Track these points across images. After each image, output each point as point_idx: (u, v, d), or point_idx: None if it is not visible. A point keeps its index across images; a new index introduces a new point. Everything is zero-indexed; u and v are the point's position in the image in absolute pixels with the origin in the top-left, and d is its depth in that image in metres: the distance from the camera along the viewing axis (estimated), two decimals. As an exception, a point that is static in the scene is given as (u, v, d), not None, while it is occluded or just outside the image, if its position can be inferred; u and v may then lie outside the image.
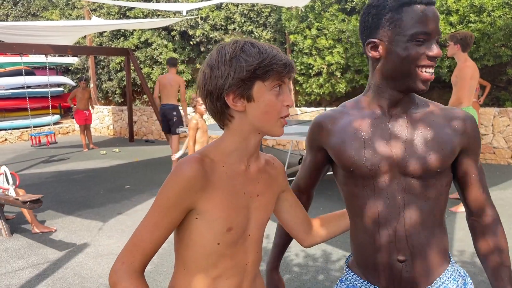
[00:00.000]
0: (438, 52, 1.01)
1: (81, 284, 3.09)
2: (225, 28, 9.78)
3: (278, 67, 0.94)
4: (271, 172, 1.12)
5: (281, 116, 0.98)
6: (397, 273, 1.08)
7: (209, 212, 0.97)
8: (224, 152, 1.01)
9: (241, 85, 0.94)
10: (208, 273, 1.00)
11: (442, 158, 1.05)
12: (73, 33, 8.86)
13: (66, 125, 12.05)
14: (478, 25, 6.47)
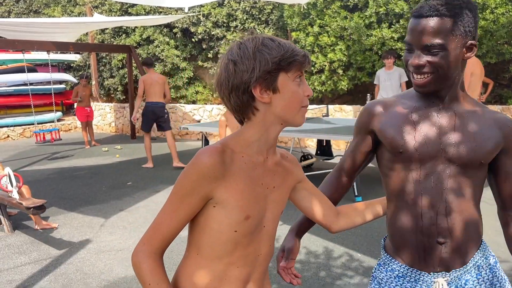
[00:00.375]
0: (412, 61, 1.11)
1: (83, 279, 3.10)
2: (227, 25, 9.78)
3: (300, 57, 1.00)
4: (286, 165, 1.15)
5: (303, 105, 1.03)
6: (436, 254, 1.14)
7: (227, 201, 1.00)
8: (245, 143, 1.04)
9: (267, 77, 0.98)
10: (222, 260, 1.03)
11: (486, 151, 1.13)
12: (75, 30, 8.87)
13: (68, 122, 12.06)
14: (481, 22, 6.45)
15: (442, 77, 1.10)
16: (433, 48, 1.07)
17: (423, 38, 1.08)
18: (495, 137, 1.15)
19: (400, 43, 7.29)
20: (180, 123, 10.20)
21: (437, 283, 1.15)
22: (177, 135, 10.20)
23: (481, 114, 1.18)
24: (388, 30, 7.34)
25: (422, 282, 1.17)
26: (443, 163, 1.14)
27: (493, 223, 3.89)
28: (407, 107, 1.20)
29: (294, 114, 1.03)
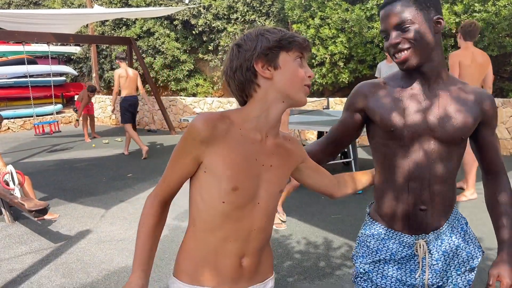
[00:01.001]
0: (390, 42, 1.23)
1: (83, 269, 3.11)
2: (228, 17, 9.73)
3: (299, 39, 1.07)
4: (288, 147, 1.19)
5: (305, 83, 1.08)
6: (418, 219, 1.29)
7: (216, 168, 1.05)
8: (245, 118, 1.09)
9: (268, 53, 1.05)
10: (215, 233, 1.09)
11: (467, 128, 1.27)
12: (75, 21, 8.83)
13: (68, 115, 12.06)
14: (483, 14, 6.41)
15: (419, 49, 1.22)
16: (404, 24, 1.21)
17: (393, 19, 1.22)
18: (475, 113, 1.28)
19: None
20: (180, 116, 10.20)
21: (418, 243, 1.30)
22: (177, 127, 10.20)
23: (463, 91, 1.30)
24: (390, 22, 7.30)
25: (405, 244, 1.31)
26: (429, 140, 1.26)
27: (492, 215, 3.90)
28: (395, 87, 1.31)
29: (297, 90, 1.08)
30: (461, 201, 4.30)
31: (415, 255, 1.32)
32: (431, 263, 1.31)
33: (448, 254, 1.33)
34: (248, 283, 1.14)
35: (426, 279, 1.30)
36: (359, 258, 1.39)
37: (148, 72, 9.95)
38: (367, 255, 1.37)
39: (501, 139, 6.53)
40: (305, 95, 1.10)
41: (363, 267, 1.36)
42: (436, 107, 1.27)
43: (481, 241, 3.34)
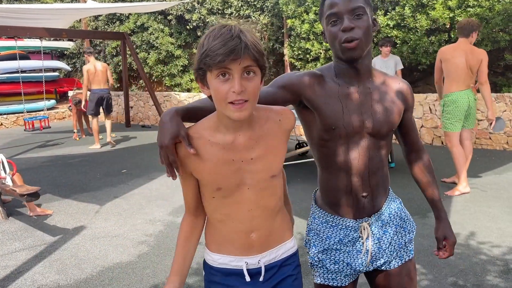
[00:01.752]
0: (344, 26, 1.25)
1: (78, 265, 3.10)
2: (222, 12, 9.69)
3: (210, 59, 1.03)
4: (276, 130, 1.22)
5: (229, 101, 1.05)
6: (361, 205, 1.40)
7: (200, 178, 1.21)
8: (211, 128, 1.16)
9: (199, 73, 1.09)
10: (217, 217, 1.24)
11: (396, 121, 1.40)
12: (68, 16, 8.76)
13: (62, 110, 11.98)
14: (476, 9, 6.43)
15: (364, 41, 1.27)
16: (359, 11, 1.26)
17: (349, 3, 1.26)
18: (400, 104, 1.40)
19: (396, 31, 7.26)
20: (175, 111, 10.16)
21: (362, 226, 1.41)
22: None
23: (388, 85, 1.41)
24: (384, 17, 7.30)
25: (351, 228, 1.42)
26: (365, 136, 1.36)
27: (485, 209, 3.93)
28: (333, 84, 1.35)
29: (223, 109, 1.08)
30: (454, 195, 4.32)
31: (360, 238, 1.42)
32: (374, 242, 1.43)
33: (389, 233, 1.45)
34: (259, 251, 1.25)
35: (368, 258, 1.42)
36: (311, 248, 1.47)
37: (142, 68, 9.89)
38: (319, 243, 1.46)
39: (495, 133, 6.57)
40: (234, 112, 1.06)
41: (317, 255, 1.46)
42: (369, 105, 1.35)
43: (474, 235, 3.36)
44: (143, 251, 3.30)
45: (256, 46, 1.06)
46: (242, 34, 1.04)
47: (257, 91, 1.09)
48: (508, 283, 2.63)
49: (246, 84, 1.05)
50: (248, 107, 1.07)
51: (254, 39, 1.07)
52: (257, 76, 1.08)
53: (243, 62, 1.03)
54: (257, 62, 1.06)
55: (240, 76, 1.04)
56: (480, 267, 2.85)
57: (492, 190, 4.46)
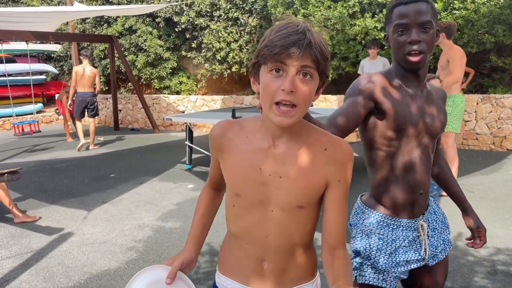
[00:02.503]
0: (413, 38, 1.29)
1: (65, 273, 3.06)
2: (211, 14, 9.67)
3: (268, 50, 0.93)
4: (317, 157, 1.04)
5: (275, 100, 0.94)
6: (418, 203, 1.45)
7: (224, 171, 1.12)
8: (255, 126, 1.07)
9: (254, 66, 1.00)
10: (233, 232, 1.15)
11: (445, 122, 1.47)
12: (55, 19, 8.67)
13: (49, 114, 11.85)
14: (462, 12, 6.50)
15: (428, 54, 1.33)
16: (426, 25, 1.29)
17: (419, 16, 1.29)
18: (443, 107, 1.50)
19: (384, 33, 7.31)
20: (164, 114, 10.11)
21: (419, 224, 1.45)
22: (161, 126, 10.12)
23: (434, 90, 1.49)
24: (372, 19, 7.35)
25: (410, 228, 1.45)
26: (425, 135, 1.42)
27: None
28: (398, 86, 1.40)
29: (267, 109, 0.97)
30: (442, 197, 4.35)
31: (418, 236, 1.46)
32: (428, 238, 1.48)
33: (437, 229, 1.52)
34: (271, 286, 1.11)
35: (427, 253, 1.46)
36: (376, 252, 1.44)
37: (130, 70, 9.83)
38: (385, 247, 1.45)
39: (481, 134, 6.64)
40: (276, 116, 0.95)
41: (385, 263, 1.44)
42: (428, 107, 1.42)
43: (461, 236, 3.39)
44: (131, 257, 3.27)
45: (321, 48, 0.94)
46: (308, 32, 0.93)
47: (309, 98, 0.96)
48: (495, 284, 2.66)
49: (299, 86, 0.93)
50: (295, 114, 0.94)
51: (321, 40, 0.95)
52: (313, 81, 0.95)
53: (302, 60, 0.91)
54: (318, 65, 0.93)
55: (294, 75, 0.92)
56: (468, 268, 2.88)
57: (479, 191, 4.51)
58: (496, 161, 5.85)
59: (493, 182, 4.84)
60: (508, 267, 2.86)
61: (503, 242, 3.26)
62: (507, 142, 6.48)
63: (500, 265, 2.90)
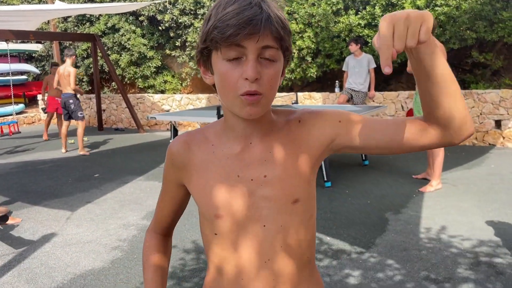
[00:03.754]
0: None
1: (48, 274, 3.01)
2: (195, 12, 9.62)
3: (218, 32, 0.74)
4: (296, 133, 0.88)
5: (239, 93, 0.77)
6: None
7: (194, 195, 0.91)
8: (217, 131, 0.90)
9: (203, 54, 0.81)
10: (218, 266, 0.90)
11: None
12: (36, 18, 8.52)
13: (31, 115, 11.65)
14: (444, 8, 6.58)
15: None
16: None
17: None
18: None
19: (367, 30, 7.36)
20: (148, 113, 10.02)
21: None
22: (145, 125, 10.03)
23: None
24: (355, 16, 7.40)
25: None
26: None
27: (455, 204, 4.02)
28: None
29: (230, 103, 0.80)
30: (427, 192, 4.40)
31: None
32: None
33: None
34: None
35: None
36: None
37: (114, 70, 9.72)
38: None
39: (464, 129, 6.74)
40: (243, 108, 0.78)
41: None
42: None
43: (445, 229, 3.43)
44: (116, 256, 3.23)
45: (282, 20, 0.77)
46: (263, 3, 0.76)
47: (276, 84, 0.80)
48: (478, 275, 2.70)
49: (263, 71, 0.77)
50: (263, 102, 0.79)
51: (280, 11, 0.79)
52: (278, 62, 0.79)
53: (263, 39, 0.74)
54: (281, 42, 0.77)
55: (256, 59, 0.76)
56: (451, 260, 2.91)
57: (462, 185, 4.57)
58: (479, 155, 5.95)
59: (475, 176, 4.91)
60: (491, 258, 2.91)
61: (485, 234, 3.31)
62: (489, 137, 6.59)
63: (483, 256, 2.95)
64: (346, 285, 2.66)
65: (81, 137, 7.31)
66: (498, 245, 3.10)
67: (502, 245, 3.10)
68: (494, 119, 6.55)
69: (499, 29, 6.49)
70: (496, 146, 6.52)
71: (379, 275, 2.75)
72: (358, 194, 4.40)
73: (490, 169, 5.19)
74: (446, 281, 2.65)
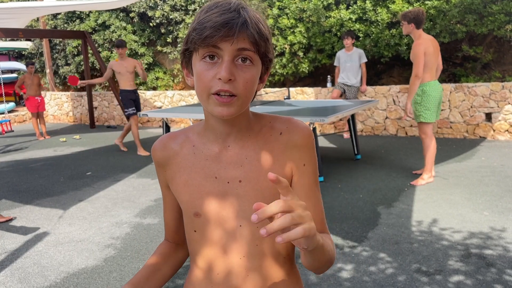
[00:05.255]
0: None
1: (41, 273, 3.00)
2: (186, 8, 9.57)
3: (197, 34, 0.79)
4: (275, 146, 0.90)
5: (212, 92, 0.80)
6: None
7: (175, 193, 0.95)
8: (199, 131, 0.94)
9: (185, 55, 0.86)
10: (197, 262, 0.95)
11: None
12: (24, 15, 8.43)
13: (22, 113, 11.55)
14: (434, 2, 6.61)
15: None
16: None
17: None
18: None
19: (358, 24, 7.38)
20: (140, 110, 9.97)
21: None
22: (138, 122, 9.98)
23: None
24: (346, 11, 7.40)
25: None
26: None
27: (446, 197, 4.05)
28: None
29: (204, 101, 0.83)
30: (419, 185, 4.42)
31: None
32: None
33: None
34: None
35: None
36: None
37: (105, 67, 9.63)
38: None
39: (455, 122, 6.79)
40: (215, 107, 0.81)
41: None
42: None
43: (436, 222, 3.47)
44: (109, 254, 3.23)
45: (258, 26, 0.81)
46: (243, 9, 0.80)
47: (251, 87, 0.82)
48: (469, 266, 2.73)
49: (238, 73, 0.80)
50: (237, 103, 0.81)
51: (259, 18, 0.82)
52: (255, 66, 0.82)
53: (238, 42, 0.78)
54: (257, 47, 0.80)
55: (231, 60, 0.79)
56: (442, 252, 2.94)
57: (453, 178, 4.61)
58: (469, 148, 6.00)
59: (466, 168, 4.95)
60: (481, 250, 2.94)
61: (476, 226, 3.34)
62: (480, 130, 6.64)
63: (474, 248, 2.98)
64: (338, 279, 2.68)
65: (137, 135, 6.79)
66: (488, 237, 3.14)
67: (492, 237, 3.14)
68: (484, 112, 6.60)
69: (488, 22, 6.53)
70: (486, 138, 6.58)
71: (371, 269, 2.78)
72: (350, 189, 4.42)
73: (481, 161, 5.24)
74: (437, 273, 2.67)
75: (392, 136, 7.21)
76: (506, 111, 6.45)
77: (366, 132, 7.53)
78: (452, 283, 2.56)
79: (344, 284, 2.60)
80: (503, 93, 6.43)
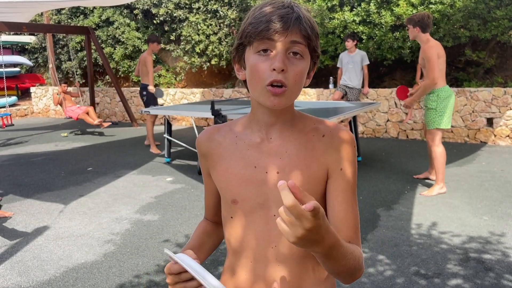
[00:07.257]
0: None
1: (40, 266, 3.01)
2: (190, 6, 9.58)
3: (252, 28, 0.84)
4: (316, 145, 0.93)
5: (266, 83, 0.84)
6: None
7: (216, 181, 0.99)
8: (244, 123, 0.98)
9: (238, 51, 0.92)
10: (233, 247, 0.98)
11: None
12: (29, 9, 8.44)
13: (24, 107, 11.56)
14: (438, 6, 6.61)
15: None
16: None
17: None
18: None
19: (362, 26, 7.38)
20: (142, 107, 9.99)
21: None
22: (139, 119, 10.00)
23: None
24: (350, 13, 7.41)
25: None
26: None
27: (446, 200, 4.06)
28: None
29: (258, 93, 0.87)
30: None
31: None
32: None
33: None
34: None
35: None
36: None
37: (108, 63, 9.66)
38: None
39: (456, 127, 6.80)
40: (268, 98, 0.85)
41: None
42: None
43: (435, 225, 3.47)
44: (109, 250, 3.24)
45: (311, 21, 0.86)
46: (296, 6, 0.86)
47: (301, 80, 0.86)
48: (468, 270, 2.74)
49: (289, 65, 0.84)
50: (287, 94, 0.85)
51: (310, 15, 0.88)
52: (305, 60, 0.86)
53: (291, 34, 0.82)
54: (308, 41, 0.85)
55: (284, 52, 0.83)
56: (441, 256, 2.95)
57: (453, 182, 4.62)
58: (470, 153, 6.00)
59: (466, 173, 4.96)
60: (480, 255, 2.95)
61: (475, 230, 3.35)
62: (481, 135, 6.65)
63: (472, 252, 2.99)
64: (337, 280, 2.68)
65: (151, 133, 6.67)
66: (487, 242, 3.14)
67: (491, 241, 3.15)
68: (486, 117, 6.61)
69: (492, 27, 6.53)
70: (487, 144, 6.58)
71: (370, 270, 2.79)
72: (350, 190, 4.42)
73: (481, 166, 5.25)
74: (436, 276, 2.68)
75: (393, 138, 7.22)
76: (508, 116, 6.46)
77: (367, 134, 7.53)
78: (450, 286, 2.57)
79: (342, 285, 2.61)
80: (505, 99, 6.44)
